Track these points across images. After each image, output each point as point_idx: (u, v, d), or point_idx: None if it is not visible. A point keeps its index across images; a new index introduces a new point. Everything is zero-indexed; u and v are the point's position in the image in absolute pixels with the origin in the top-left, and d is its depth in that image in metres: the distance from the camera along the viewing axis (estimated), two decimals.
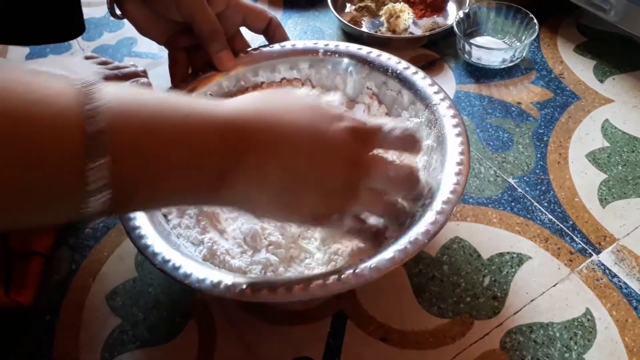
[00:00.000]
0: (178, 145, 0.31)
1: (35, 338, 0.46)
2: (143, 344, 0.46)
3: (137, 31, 0.54)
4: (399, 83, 0.51)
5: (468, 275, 0.48)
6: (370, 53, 0.53)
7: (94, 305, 0.48)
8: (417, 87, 0.50)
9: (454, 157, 0.43)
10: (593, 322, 0.45)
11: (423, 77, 0.50)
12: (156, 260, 0.39)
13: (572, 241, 0.50)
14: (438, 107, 0.47)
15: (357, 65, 0.53)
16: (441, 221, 0.39)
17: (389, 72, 0.52)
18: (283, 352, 0.45)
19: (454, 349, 0.44)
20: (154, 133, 0.31)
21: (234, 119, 0.34)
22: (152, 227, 0.42)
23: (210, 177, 0.34)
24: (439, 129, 0.46)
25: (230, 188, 0.35)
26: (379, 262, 0.37)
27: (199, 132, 0.33)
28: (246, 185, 0.35)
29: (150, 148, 0.30)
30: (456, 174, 0.42)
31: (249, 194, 0.36)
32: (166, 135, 0.31)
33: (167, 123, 0.31)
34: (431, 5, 0.75)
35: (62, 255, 0.52)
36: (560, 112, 0.61)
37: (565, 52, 0.69)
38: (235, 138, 0.34)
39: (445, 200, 0.40)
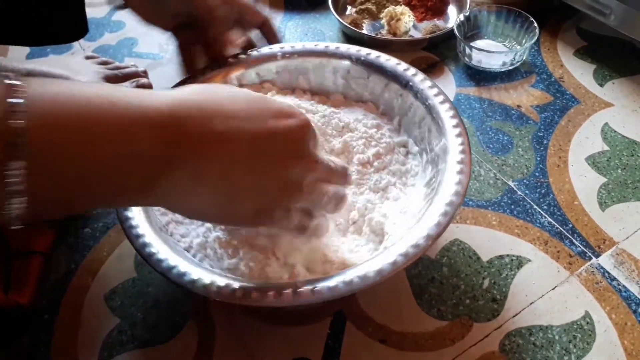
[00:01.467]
0: (105, 144, 0.29)
1: (33, 337, 0.46)
2: (142, 344, 0.46)
3: (142, 20, 0.54)
4: (398, 85, 0.51)
5: (467, 277, 0.48)
6: (370, 55, 0.53)
7: (92, 305, 0.48)
8: (418, 90, 0.50)
9: (455, 158, 0.43)
10: (592, 325, 0.45)
11: (422, 79, 0.50)
12: (151, 258, 0.39)
13: (572, 244, 0.50)
14: (439, 110, 0.47)
15: (358, 67, 0.53)
16: (444, 224, 0.39)
17: (389, 74, 0.52)
18: (282, 353, 0.45)
19: (453, 351, 0.44)
20: (76, 130, 0.28)
21: (171, 112, 0.31)
22: (149, 224, 0.42)
23: (140, 180, 0.31)
24: (439, 132, 0.46)
25: (162, 191, 0.32)
26: (381, 266, 0.37)
27: (130, 130, 0.30)
28: (181, 187, 0.33)
29: (71, 148, 0.28)
30: (458, 173, 0.42)
31: (183, 197, 0.33)
32: (92, 133, 0.28)
33: (94, 119, 0.29)
34: (432, 8, 0.76)
35: (61, 255, 0.52)
36: (560, 116, 0.62)
37: (565, 55, 0.69)
38: (171, 134, 0.31)
39: (447, 202, 0.40)
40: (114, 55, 0.74)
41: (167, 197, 0.33)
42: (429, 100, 0.48)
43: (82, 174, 0.29)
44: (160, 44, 0.75)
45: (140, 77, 0.66)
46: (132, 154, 0.30)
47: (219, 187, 0.33)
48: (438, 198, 0.41)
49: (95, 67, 0.67)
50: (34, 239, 0.50)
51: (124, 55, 0.74)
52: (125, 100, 0.30)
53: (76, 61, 0.68)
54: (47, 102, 0.27)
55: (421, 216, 0.41)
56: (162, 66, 0.72)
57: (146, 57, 0.74)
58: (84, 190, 0.30)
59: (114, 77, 0.66)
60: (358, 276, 0.37)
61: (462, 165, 0.42)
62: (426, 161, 0.48)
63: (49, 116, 0.27)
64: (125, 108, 0.30)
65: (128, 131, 0.30)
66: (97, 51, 0.74)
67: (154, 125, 0.30)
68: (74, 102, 0.28)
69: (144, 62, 0.72)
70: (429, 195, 0.44)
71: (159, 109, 0.31)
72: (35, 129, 0.26)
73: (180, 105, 0.32)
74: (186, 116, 0.32)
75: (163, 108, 0.31)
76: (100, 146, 0.29)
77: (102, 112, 0.29)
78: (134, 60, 0.73)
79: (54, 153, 0.27)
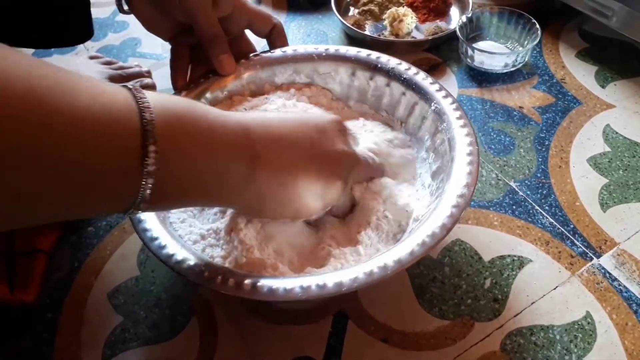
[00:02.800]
0: (210, 148, 0.34)
1: (37, 335, 0.47)
2: (144, 342, 0.46)
3: (144, 27, 0.54)
4: (403, 85, 0.51)
5: (469, 277, 0.49)
6: (370, 55, 0.53)
7: (96, 303, 0.49)
8: (423, 90, 0.50)
9: (462, 159, 0.43)
10: (593, 325, 0.45)
11: (424, 78, 0.50)
12: (153, 245, 0.40)
13: (573, 245, 0.50)
14: (446, 113, 0.47)
15: (362, 69, 0.53)
16: (449, 225, 0.39)
17: (393, 75, 0.52)
18: (284, 352, 0.45)
19: (454, 351, 0.44)
20: (191, 134, 0.33)
21: (245, 126, 0.37)
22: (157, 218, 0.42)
23: (237, 177, 0.36)
24: (447, 132, 0.46)
25: (248, 189, 0.37)
26: (385, 263, 0.37)
27: (226, 137, 0.36)
28: (258, 189, 0.38)
29: (186, 145, 0.33)
30: (467, 174, 0.42)
31: (261, 197, 0.38)
32: (201, 138, 0.34)
33: (202, 127, 0.34)
34: (434, 10, 0.76)
35: (64, 253, 0.52)
36: (561, 117, 0.62)
37: (567, 57, 0.69)
38: (247, 145, 0.37)
39: (454, 205, 0.40)
40: (117, 56, 0.74)
41: (251, 196, 0.38)
42: (434, 100, 0.48)
43: (192, 165, 0.33)
44: (164, 44, 0.75)
45: (144, 77, 0.67)
46: (228, 158, 0.36)
47: (290, 182, 0.39)
48: (445, 197, 0.41)
49: (99, 67, 0.67)
50: (37, 238, 0.51)
51: (128, 56, 0.74)
52: (216, 113, 0.37)
53: (80, 61, 0.68)
54: (162, 105, 0.32)
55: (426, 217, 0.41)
56: (165, 66, 0.71)
57: (150, 57, 0.74)
58: (193, 182, 0.34)
59: (117, 77, 0.66)
60: (363, 273, 0.37)
61: (471, 166, 0.42)
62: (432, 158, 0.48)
63: (167, 115, 0.32)
64: (222, 120, 0.36)
65: (226, 138, 0.36)
66: (101, 51, 0.75)
67: (239, 143, 0.37)
68: (181, 108, 0.34)
69: (148, 62, 0.73)
70: (435, 187, 0.45)
71: (244, 134, 0.37)
72: (159, 124, 0.31)
73: (252, 121, 0.38)
74: (256, 129, 0.38)
75: (247, 136, 0.37)
76: (205, 147, 0.34)
77: (203, 120, 0.35)
78: (137, 60, 0.73)
79: (174, 145, 0.32)
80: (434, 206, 0.41)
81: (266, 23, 0.56)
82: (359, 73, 0.54)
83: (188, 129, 0.33)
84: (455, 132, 0.45)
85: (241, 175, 0.36)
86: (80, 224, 0.54)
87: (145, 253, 0.52)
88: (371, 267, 0.37)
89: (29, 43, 0.58)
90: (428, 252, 0.38)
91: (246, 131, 0.37)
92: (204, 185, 0.35)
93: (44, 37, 0.54)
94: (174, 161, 0.32)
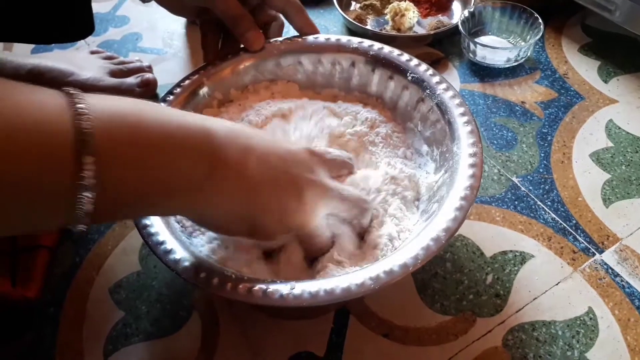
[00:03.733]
0: (161, 154, 0.32)
1: (38, 330, 0.47)
2: (146, 337, 0.46)
3: (168, 12, 0.56)
4: (410, 83, 0.51)
5: (471, 272, 0.49)
6: (383, 49, 0.53)
7: (97, 298, 0.49)
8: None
9: (466, 160, 0.43)
10: (595, 321, 0.45)
11: (452, 96, 0.49)
12: (151, 241, 0.40)
13: (575, 240, 0.50)
14: (425, 80, 0.49)
15: (366, 61, 0.53)
16: (453, 228, 0.38)
17: (400, 69, 0.52)
18: (285, 347, 0.45)
19: (456, 346, 0.44)
20: (139, 140, 0.31)
21: (208, 131, 0.35)
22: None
23: (193, 184, 0.34)
24: (433, 97, 0.47)
25: (200, 200, 0.35)
26: (391, 269, 0.37)
27: (183, 142, 0.33)
28: (213, 204, 0.36)
29: (132, 153, 0.31)
30: (469, 177, 0.42)
31: (215, 211, 0.36)
32: (151, 144, 0.32)
33: (152, 132, 0.32)
34: (436, 4, 0.76)
35: (66, 249, 0.52)
36: (564, 112, 0.62)
37: (569, 52, 0.69)
38: (208, 151, 0.34)
39: (457, 207, 0.39)
40: (118, 50, 0.74)
41: (200, 208, 0.36)
42: (452, 118, 0.48)
43: (139, 175, 0.31)
44: (164, 39, 0.75)
45: (145, 72, 0.67)
46: (180, 166, 0.33)
47: (251, 198, 0.37)
48: (448, 200, 0.41)
49: (100, 62, 0.67)
50: (39, 233, 0.51)
51: (129, 50, 0.74)
52: (175, 118, 0.34)
53: (81, 56, 0.68)
54: (105, 110, 0.30)
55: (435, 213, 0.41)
56: (166, 61, 0.72)
57: (150, 52, 0.74)
58: (141, 191, 0.32)
59: (118, 72, 0.66)
60: (370, 278, 0.36)
61: (474, 169, 0.42)
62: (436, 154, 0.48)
63: (110, 121, 0.30)
64: (177, 126, 0.34)
65: (178, 143, 0.33)
66: (101, 46, 0.75)
67: (199, 148, 0.34)
68: (128, 112, 0.32)
69: (149, 57, 0.72)
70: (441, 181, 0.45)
71: (206, 139, 0.35)
72: (100, 132, 0.29)
73: (218, 139, 0.35)
74: (224, 138, 0.35)
75: (209, 142, 0.35)
76: (155, 154, 0.32)
77: (156, 124, 0.32)
78: (138, 55, 0.73)
79: (117, 154, 0.30)
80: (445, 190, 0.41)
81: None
82: (324, 59, 0.54)
83: (135, 135, 0.31)
84: (444, 97, 0.47)
85: (197, 183, 0.34)
86: None
87: (147, 248, 0.52)
88: (377, 271, 0.37)
89: (29, 38, 0.58)
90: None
91: (208, 136, 0.34)
92: (156, 193, 0.33)
93: (45, 32, 0.54)
94: (118, 171, 0.30)
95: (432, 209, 0.43)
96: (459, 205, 0.39)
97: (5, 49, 0.76)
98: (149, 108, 0.33)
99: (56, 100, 0.29)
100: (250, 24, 0.53)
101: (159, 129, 0.32)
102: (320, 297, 0.36)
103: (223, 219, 0.37)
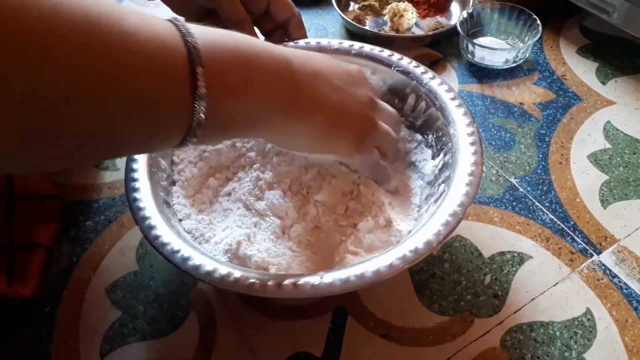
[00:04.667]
0: (256, 72, 0.36)
1: (35, 329, 0.46)
2: (143, 336, 0.46)
3: (172, 11, 0.56)
4: (412, 87, 0.51)
5: (469, 273, 0.49)
6: (392, 56, 0.53)
7: (94, 297, 0.48)
8: (439, 99, 0.50)
9: (467, 159, 0.43)
10: (593, 321, 0.45)
11: (440, 83, 0.50)
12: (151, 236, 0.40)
13: (573, 241, 0.50)
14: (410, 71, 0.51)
15: (383, 70, 0.53)
16: (467, 202, 0.40)
17: (384, 64, 0.52)
18: (283, 347, 0.45)
19: (454, 347, 0.44)
20: (235, 58, 0.34)
21: (286, 56, 0.39)
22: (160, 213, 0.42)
23: (281, 101, 0.38)
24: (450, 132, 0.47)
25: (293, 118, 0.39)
26: (416, 247, 0.37)
27: (272, 62, 0.37)
28: (297, 123, 0.40)
29: (233, 66, 0.34)
30: (468, 181, 0.42)
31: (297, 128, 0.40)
32: (246, 62, 0.35)
33: (244, 52, 0.35)
34: (435, 5, 0.76)
35: (63, 248, 0.52)
36: (562, 113, 0.62)
37: (567, 53, 0.69)
38: (290, 74, 0.38)
39: (467, 183, 0.41)
40: None
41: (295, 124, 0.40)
42: (443, 103, 0.49)
43: (241, 85, 0.35)
44: None
45: None
46: (270, 84, 0.37)
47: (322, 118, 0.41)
48: (448, 198, 0.41)
49: None
50: (36, 232, 0.50)
51: None
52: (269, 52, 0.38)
53: None
54: (204, 32, 0.33)
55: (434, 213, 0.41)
56: None
57: None
58: (242, 105, 0.35)
59: None
60: (371, 271, 0.37)
61: (473, 167, 0.42)
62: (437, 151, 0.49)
63: (212, 41, 0.33)
64: (270, 56, 0.37)
65: (270, 64, 0.37)
66: None
67: (282, 71, 0.38)
68: (225, 34, 0.35)
69: None
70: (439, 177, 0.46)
71: (286, 64, 0.39)
72: (204, 48, 0.32)
73: (295, 65, 0.39)
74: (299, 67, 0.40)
75: (289, 66, 0.39)
76: (250, 68, 0.35)
77: (247, 45, 0.36)
78: None
79: (221, 68, 0.33)
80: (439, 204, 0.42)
81: (286, 9, 0.56)
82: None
83: (231, 54, 0.34)
84: (431, 85, 0.49)
85: (281, 103, 0.38)
86: (79, 218, 0.54)
87: (144, 248, 0.52)
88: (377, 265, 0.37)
89: None
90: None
91: (287, 63, 0.38)
92: (253, 109, 0.36)
93: None
94: (222, 84, 0.33)
95: (440, 190, 0.44)
96: (469, 181, 0.41)
97: None
98: (239, 35, 0.36)
99: (166, 23, 0.32)
100: (252, 31, 0.54)
101: (251, 49, 0.36)
102: (352, 282, 0.36)
103: (309, 137, 0.41)
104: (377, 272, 0.36)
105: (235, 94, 0.34)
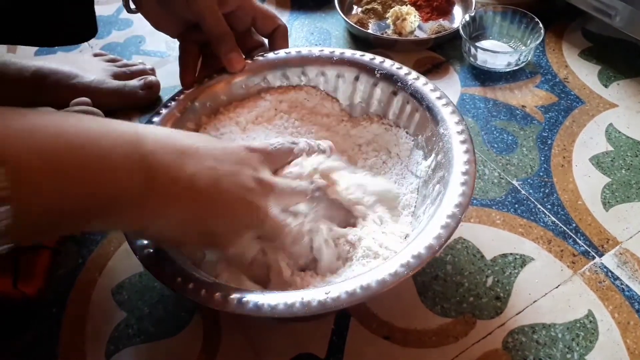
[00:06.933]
0: (82, 162, 0.31)
1: (41, 330, 0.47)
2: (148, 337, 0.46)
3: (152, 25, 0.55)
4: (406, 93, 0.51)
5: (471, 275, 0.49)
6: (374, 60, 0.52)
7: (100, 299, 0.49)
8: (425, 99, 0.49)
9: (459, 158, 0.43)
10: (595, 324, 0.45)
11: (425, 84, 0.50)
12: None
13: (575, 244, 0.51)
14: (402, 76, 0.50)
15: (366, 74, 0.53)
16: (465, 203, 0.40)
17: (367, 68, 0.52)
18: (287, 348, 0.45)
19: (456, 348, 0.44)
20: (54, 148, 0.29)
21: (139, 139, 0.34)
22: None
23: (124, 198, 0.33)
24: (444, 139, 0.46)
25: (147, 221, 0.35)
26: (419, 252, 0.37)
27: (105, 151, 0.32)
28: (158, 214, 0.35)
29: (49, 162, 0.29)
30: (461, 184, 0.42)
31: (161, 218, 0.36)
32: (67, 149, 0.30)
33: (69, 138, 0.30)
34: (437, 9, 0.76)
35: (69, 249, 0.52)
36: (564, 116, 0.62)
37: (570, 56, 0.69)
38: (140, 160, 0.33)
39: (463, 182, 0.41)
40: (121, 53, 0.74)
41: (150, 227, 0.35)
42: (430, 103, 0.48)
43: (60, 185, 0.29)
44: (168, 42, 0.75)
45: (148, 74, 0.67)
46: (112, 176, 0.32)
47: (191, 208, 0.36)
48: (444, 203, 0.41)
49: (103, 65, 0.67)
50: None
51: (132, 53, 0.75)
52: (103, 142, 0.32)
53: (84, 59, 0.69)
54: (22, 122, 0.29)
55: (432, 215, 0.41)
56: (169, 64, 0.72)
57: (154, 55, 0.74)
58: (65, 204, 0.30)
59: (122, 74, 0.66)
60: (376, 281, 0.36)
61: (466, 176, 0.42)
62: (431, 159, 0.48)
63: (28, 131, 0.28)
64: (103, 133, 0.32)
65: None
66: (105, 49, 0.75)
67: (129, 156, 0.33)
68: (48, 123, 0.30)
69: (152, 59, 0.73)
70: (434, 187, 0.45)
71: (134, 141, 0.33)
72: (12, 142, 0.27)
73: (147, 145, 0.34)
74: (159, 163, 0.34)
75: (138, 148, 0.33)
76: (78, 162, 0.30)
77: (79, 132, 0.31)
78: (141, 58, 0.73)
79: (31, 164, 0.28)
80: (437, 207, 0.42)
81: (270, 22, 0.55)
82: (289, 73, 0.54)
83: (53, 143, 0.29)
84: (416, 85, 0.48)
85: (136, 194, 0.33)
86: None
87: None
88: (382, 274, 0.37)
89: (33, 41, 0.58)
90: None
91: (137, 142, 0.33)
92: (86, 206, 0.31)
93: (49, 35, 0.54)
94: (34, 182, 0.28)
95: (436, 190, 0.43)
96: (464, 180, 0.41)
97: (9, 51, 0.76)
98: (73, 118, 0.31)
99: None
100: (234, 45, 0.52)
101: (83, 135, 0.30)
102: (358, 294, 0.36)
103: (173, 229, 0.36)
104: (383, 282, 0.36)
105: (54, 192, 0.29)
